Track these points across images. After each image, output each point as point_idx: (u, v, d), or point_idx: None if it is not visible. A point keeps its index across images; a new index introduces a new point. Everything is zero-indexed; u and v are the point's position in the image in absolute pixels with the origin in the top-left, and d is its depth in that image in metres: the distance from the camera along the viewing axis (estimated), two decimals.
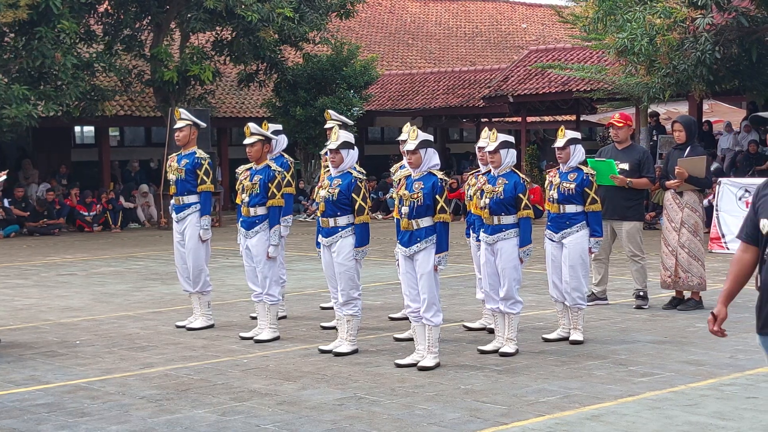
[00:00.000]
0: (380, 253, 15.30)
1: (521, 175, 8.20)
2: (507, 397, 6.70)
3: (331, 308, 9.23)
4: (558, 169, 8.87)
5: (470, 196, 8.51)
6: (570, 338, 8.60)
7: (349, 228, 8.19)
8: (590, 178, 8.68)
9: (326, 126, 9.86)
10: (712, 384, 6.98)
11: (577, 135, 8.92)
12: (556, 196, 8.71)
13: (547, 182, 8.99)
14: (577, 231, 8.62)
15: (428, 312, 7.64)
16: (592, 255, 9.04)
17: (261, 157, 9.02)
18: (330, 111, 10.50)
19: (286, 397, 6.89)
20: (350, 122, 10.68)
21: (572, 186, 8.63)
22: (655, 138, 22.34)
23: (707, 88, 17.09)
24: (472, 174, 8.72)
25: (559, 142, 8.76)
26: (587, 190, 8.63)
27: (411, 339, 8.33)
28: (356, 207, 8.13)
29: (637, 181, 10.10)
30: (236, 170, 9.43)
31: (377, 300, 11.05)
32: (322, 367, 7.80)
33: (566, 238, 8.64)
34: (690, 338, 8.59)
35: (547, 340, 8.66)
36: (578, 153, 8.74)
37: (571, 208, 8.65)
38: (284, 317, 9.99)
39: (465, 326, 9.34)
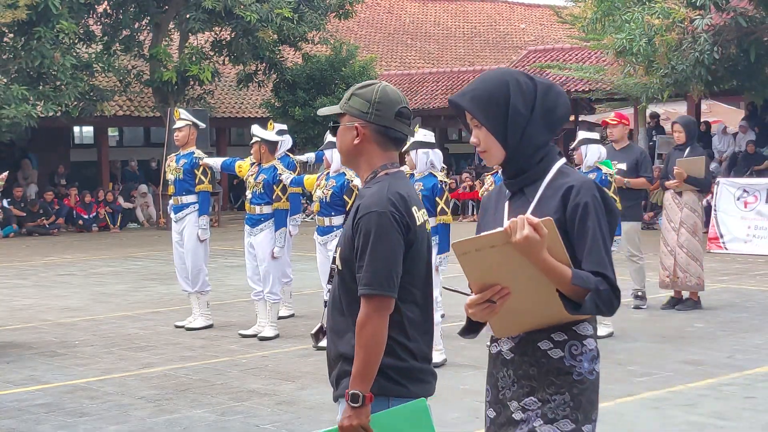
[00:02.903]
0: None
1: None
2: None
3: None
4: (579, 168, 9.01)
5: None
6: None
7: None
8: (608, 177, 8.80)
9: None
10: (711, 384, 6.99)
11: (592, 135, 9.15)
12: None
13: None
14: None
15: None
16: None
17: (263, 157, 9.07)
18: None
19: (285, 397, 6.90)
20: None
21: None
22: (654, 138, 22.36)
23: (705, 88, 17.11)
24: (490, 174, 8.80)
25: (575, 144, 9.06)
26: (606, 189, 8.74)
27: None
28: (348, 208, 8.19)
29: (634, 181, 10.10)
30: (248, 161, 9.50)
31: None
32: (321, 367, 7.80)
33: None
34: (688, 338, 8.60)
35: None
36: (592, 153, 8.85)
37: None
38: (292, 315, 10.07)
39: None
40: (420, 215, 3.15)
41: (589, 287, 2.75)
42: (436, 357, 7.70)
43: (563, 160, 2.96)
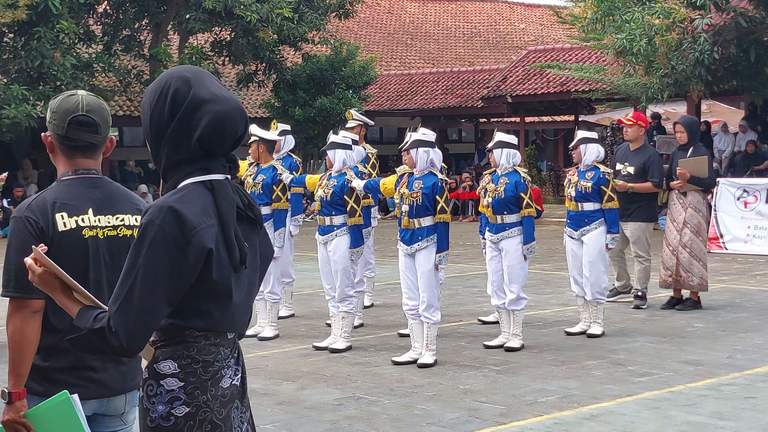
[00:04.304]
0: (379, 253, 15.27)
1: (523, 174, 8.27)
2: (506, 397, 6.71)
3: None
4: (577, 167, 9.04)
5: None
6: (588, 331, 8.80)
7: (345, 227, 8.29)
8: (606, 176, 8.84)
9: (348, 125, 9.99)
10: (711, 384, 6.99)
11: (590, 135, 9.22)
12: (573, 194, 8.94)
13: (566, 180, 9.24)
14: (596, 228, 8.82)
15: (427, 310, 7.68)
16: (609, 251, 9.10)
17: (261, 157, 9.06)
18: (352, 111, 10.55)
19: (285, 397, 6.90)
20: (371, 122, 10.73)
21: (589, 184, 8.85)
22: (654, 138, 22.36)
23: (705, 88, 17.11)
24: (488, 173, 8.84)
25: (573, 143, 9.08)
26: (603, 188, 8.82)
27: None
28: (348, 208, 8.23)
29: (638, 186, 10.03)
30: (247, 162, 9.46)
31: (377, 300, 11.05)
32: (321, 367, 7.81)
33: (585, 235, 8.85)
34: (688, 338, 8.60)
35: (569, 334, 8.86)
36: (590, 152, 8.88)
37: (589, 206, 8.85)
38: (292, 315, 10.05)
39: (480, 320, 9.52)
40: (71, 221, 3.08)
41: (84, 327, 2.49)
42: (427, 358, 7.69)
43: (190, 180, 2.58)
